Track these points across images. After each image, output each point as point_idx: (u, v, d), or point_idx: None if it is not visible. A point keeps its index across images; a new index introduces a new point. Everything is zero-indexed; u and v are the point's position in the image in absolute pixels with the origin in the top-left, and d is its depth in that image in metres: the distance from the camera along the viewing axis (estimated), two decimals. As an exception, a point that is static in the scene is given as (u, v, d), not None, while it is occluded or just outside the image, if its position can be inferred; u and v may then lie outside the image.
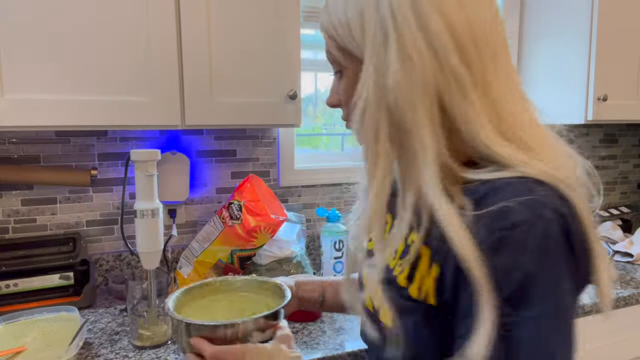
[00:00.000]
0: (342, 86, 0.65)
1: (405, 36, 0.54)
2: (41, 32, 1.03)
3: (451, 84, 0.55)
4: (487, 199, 0.52)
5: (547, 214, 0.49)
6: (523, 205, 0.49)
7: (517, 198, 0.49)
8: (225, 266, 1.26)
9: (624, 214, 2.02)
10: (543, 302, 0.48)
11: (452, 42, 0.54)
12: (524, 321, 0.48)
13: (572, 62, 1.69)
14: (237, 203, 1.24)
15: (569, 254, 0.50)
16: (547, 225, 0.48)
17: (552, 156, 0.57)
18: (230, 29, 1.18)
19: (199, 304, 0.80)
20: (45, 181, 1.30)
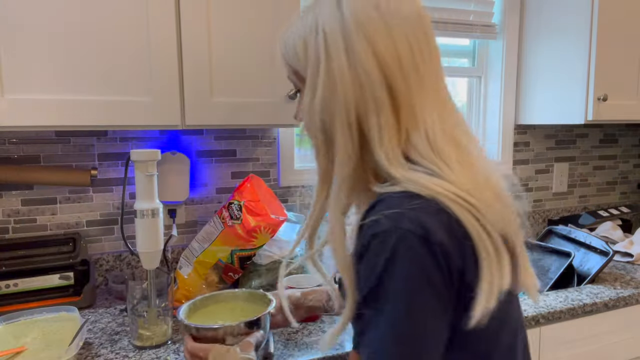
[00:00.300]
0: (300, 104, 0.71)
1: (333, 60, 0.62)
2: (41, 32, 1.03)
3: (369, 107, 0.61)
4: (371, 211, 0.59)
5: (405, 224, 0.55)
6: (387, 217, 0.56)
7: (386, 211, 0.57)
8: (225, 266, 1.26)
9: (624, 214, 2.02)
10: (393, 302, 0.55)
11: (376, 68, 0.61)
12: (376, 318, 0.56)
13: (572, 62, 1.69)
14: (237, 203, 1.24)
15: (430, 261, 0.55)
16: (401, 235, 0.55)
17: (461, 174, 0.60)
18: (230, 29, 1.18)
19: (210, 309, 0.99)
20: (45, 181, 1.30)
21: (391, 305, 0.55)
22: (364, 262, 0.58)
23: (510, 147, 1.97)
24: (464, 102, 2.00)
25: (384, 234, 0.56)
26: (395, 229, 0.55)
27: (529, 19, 1.87)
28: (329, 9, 0.63)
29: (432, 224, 0.56)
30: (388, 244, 0.55)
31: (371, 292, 0.57)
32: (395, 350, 0.55)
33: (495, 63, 1.94)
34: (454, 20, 1.79)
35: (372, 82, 0.60)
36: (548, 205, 2.09)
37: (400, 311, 0.55)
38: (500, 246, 0.59)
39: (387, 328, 0.56)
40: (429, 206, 0.57)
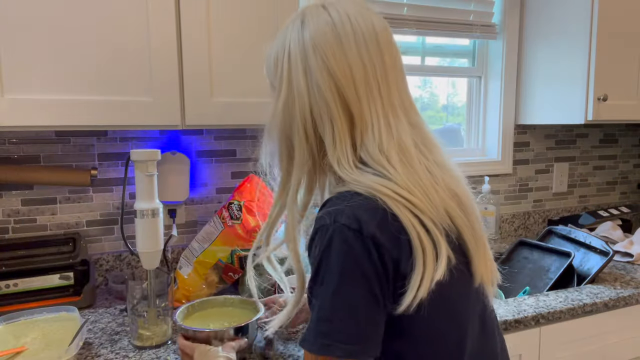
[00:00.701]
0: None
1: (293, 76, 0.72)
2: (41, 32, 1.03)
3: (324, 118, 0.70)
4: (322, 209, 0.69)
5: (342, 219, 0.63)
6: (329, 213, 0.65)
7: (330, 208, 0.66)
8: (225, 266, 1.26)
9: (624, 214, 2.02)
10: (327, 283, 0.64)
11: (330, 83, 0.70)
12: (317, 294, 0.65)
13: (572, 62, 1.69)
14: (237, 203, 1.24)
15: (362, 252, 0.63)
16: (337, 228, 0.63)
17: (404, 175, 0.67)
18: (230, 29, 1.18)
19: (205, 313, 1.07)
20: (45, 181, 1.30)
21: (324, 289, 0.64)
22: (311, 252, 0.67)
23: (510, 147, 1.97)
24: (464, 102, 2.01)
25: (324, 228, 0.65)
26: (333, 223, 0.64)
27: (529, 19, 1.87)
28: (295, 30, 0.74)
29: (367, 219, 0.63)
30: (326, 237, 0.64)
31: (313, 278, 0.66)
32: (329, 325, 0.64)
33: (495, 63, 1.94)
34: (454, 20, 1.79)
35: (325, 97, 0.70)
36: (548, 205, 2.09)
37: (330, 294, 0.63)
38: (439, 240, 0.65)
39: (322, 308, 0.64)
40: (367, 203, 0.65)
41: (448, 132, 2.01)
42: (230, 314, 1.07)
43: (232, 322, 1.01)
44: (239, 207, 1.23)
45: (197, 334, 0.94)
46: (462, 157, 1.96)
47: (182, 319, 1.01)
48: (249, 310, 1.07)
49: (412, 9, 1.71)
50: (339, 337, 0.62)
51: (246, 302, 1.09)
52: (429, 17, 1.73)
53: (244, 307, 1.09)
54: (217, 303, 1.10)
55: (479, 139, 2.01)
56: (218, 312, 1.08)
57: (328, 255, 0.63)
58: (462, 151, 1.99)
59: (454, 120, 2.02)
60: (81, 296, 1.24)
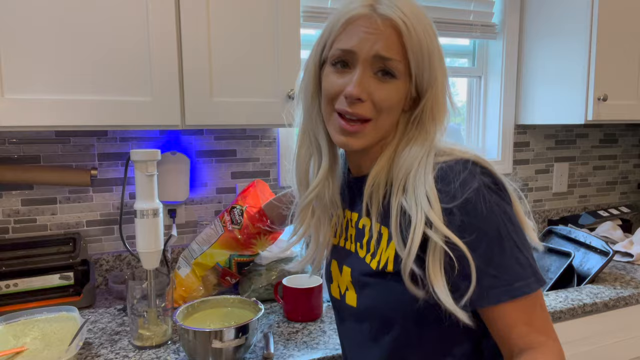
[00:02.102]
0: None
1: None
2: (41, 32, 1.03)
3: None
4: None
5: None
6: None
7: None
8: (223, 270, 1.24)
9: (624, 214, 2.02)
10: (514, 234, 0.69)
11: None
12: (507, 247, 0.68)
13: (572, 62, 1.69)
14: (239, 208, 1.23)
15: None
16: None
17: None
18: (230, 29, 1.18)
19: (205, 313, 1.08)
20: (45, 181, 1.30)
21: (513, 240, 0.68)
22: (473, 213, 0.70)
23: (510, 147, 1.97)
24: (464, 102, 2.01)
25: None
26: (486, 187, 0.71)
27: (529, 19, 1.87)
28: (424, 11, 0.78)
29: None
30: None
31: (496, 237, 0.68)
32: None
33: (495, 63, 1.94)
34: (454, 20, 1.79)
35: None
36: (548, 205, 2.09)
37: (521, 241, 0.70)
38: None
39: (521, 253, 0.67)
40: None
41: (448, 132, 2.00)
42: (230, 314, 1.07)
43: (232, 322, 1.01)
44: (241, 212, 1.21)
45: (197, 334, 0.94)
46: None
47: (182, 319, 1.01)
48: (249, 310, 1.07)
49: (412, 9, 1.71)
50: (538, 270, 0.68)
51: (246, 302, 1.09)
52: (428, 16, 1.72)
53: (244, 307, 1.08)
54: (217, 303, 1.10)
55: (479, 139, 2.01)
56: (218, 312, 1.08)
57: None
58: (462, 151, 1.98)
59: (454, 120, 2.01)
60: (81, 296, 1.24)
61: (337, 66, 0.73)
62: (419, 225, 0.66)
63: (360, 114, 0.71)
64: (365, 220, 0.78)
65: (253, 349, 1.04)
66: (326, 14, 1.56)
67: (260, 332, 1.12)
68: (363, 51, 0.70)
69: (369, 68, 0.71)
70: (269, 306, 1.27)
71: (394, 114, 0.74)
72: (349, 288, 0.81)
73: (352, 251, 0.81)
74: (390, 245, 0.72)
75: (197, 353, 0.95)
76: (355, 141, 0.73)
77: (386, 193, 0.74)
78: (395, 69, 0.71)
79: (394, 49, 0.70)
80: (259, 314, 1.01)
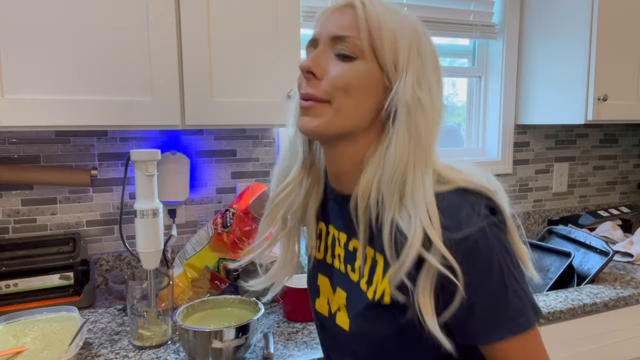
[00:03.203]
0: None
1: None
2: (41, 33, 1.03)
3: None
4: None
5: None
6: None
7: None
8: (212, 273, 1.24)
9: (624, 214, 2.02)
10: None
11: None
12: (506, 284, 0.65)
13: (572, 62, 1.69)
14: (232, 211, 1.22)
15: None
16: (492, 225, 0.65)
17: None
18: (230, 29, 1.18)
19: (204, 313, 1.08)
20: (45, 181, 1.30)
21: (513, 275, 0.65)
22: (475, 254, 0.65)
23: (510, 147, 1.97)
24: (463, 102, 2.01)
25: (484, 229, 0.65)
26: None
27: (529, 19, 1.87)
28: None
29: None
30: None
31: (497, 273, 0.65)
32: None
33: (495, 63, 1.94)
34: (454, 20, 1.79)
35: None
36: (548, 205, 2.09)
37: (520, 275, 0.66)
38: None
39: (519, 288, 0.64)
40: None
41: (448, 132, 2.01)
42: (230, 314, 1.07)
43: (232, 322, 1.01)
44: (232, 216, 1.21)
45: (197, 334, 0.94)
46: (462, 157, 1.96)
47: (182, 319, 1.01)
48: (249, 310, 1.07)
49: (412, 9, 1.71)
50: (534, 301, 0.65)
51: (246, 302, 1.09)
52: (429, 16, 1.73)
53: (244, 307, 1.09)
54: (217, 303, 1.10)
55: (479, 139, 2.01)
56: (218, 312, 1.08)
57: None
58: (462, 151, 1.99)
59: (454, 120, 2.02)
60: (81, 296, 1.24)
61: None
62: (416, 239, 0.60)
63: (312, 93, 0.66)
64: (356, 243, 0.72)
65: (253, 349, 1.04)
66: (326, 14, 1.56)
67: (260, 332, 1.12)
68: (322, 35, 0.68)
69: (329, 49, 0.67)
70: (269, 306, 1.27)
71: (358, 98, 0.66)
72: (340, 309, 0.76)
73: (342, 272, 0.76)
74: (386, 277, 0.67)
75: (197, 353, 0.95)
76: (310, 121, 0.67)
77: (378, 214, 0.67)
78: (354, 47, 0.65)
79: (350, 27, 0.66)
80: (259, 314, 1.01)
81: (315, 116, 0.67)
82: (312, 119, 0.67)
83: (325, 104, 0.66)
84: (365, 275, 0.71)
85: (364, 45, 0.65)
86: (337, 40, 0.66)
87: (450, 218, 0.61)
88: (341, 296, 0.76)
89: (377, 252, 0.69)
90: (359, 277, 0.72)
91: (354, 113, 0.67)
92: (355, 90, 0.66)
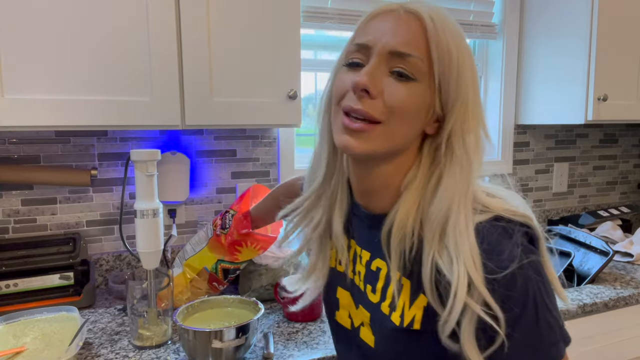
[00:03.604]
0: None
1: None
2: (41, 33, 1.03)
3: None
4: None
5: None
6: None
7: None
8: (210, 275, 1.23)
9: (624, 214, 2.02)
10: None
11: None
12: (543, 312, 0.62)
13: (572, 62, 1.69)
14: (232, 213, 1.21)
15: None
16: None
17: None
18: (230, 29, 1.18)
19: (204, 313, 1.08)
20: (45, 181, 1.30)
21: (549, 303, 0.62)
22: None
23: (510, 147, 1.97)
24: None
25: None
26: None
27: (529, 19, 1.87)
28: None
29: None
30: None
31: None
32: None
33: (495, 63, 1.94)
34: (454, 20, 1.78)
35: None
36: (548, 205, 2.09)
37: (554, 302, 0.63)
38: None
39: (554, 315, 0.61)
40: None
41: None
42: (230, 314, 1.07)
43: (232, 322, 1.01)
44: (231, 218, 1.20)
45: (197, 334, 0.94)
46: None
47: (182, 319, 1.01)
48: (249, 310, 1.07)
49: (412, 9, 1.71)
50: (564, 327, 0.62)
51: (246, 302, 1.09)
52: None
53: (244, 307, 1.08)
54: (217, 303, 1.10)
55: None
56: (218, 312, 1.08)
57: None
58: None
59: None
60: (81, 296, 1.24)
61: (352, 65, 0.64)
62: (461, 288, 0.57)
63: (366, 111, 0.60)
64: (380, 264, 0.70)
65: (253, 349, 1.04)
66: (326, 14, 1.56)
67: (260, 332, 1.12)
68: (378, 45, 0.61)
69: (384, 63, 0.61)
70: (269, 306, 1.27)
71: (410, 123, 0.62)
72: (364, 325, 0.74)
73: (362, 290, 0.73)
74: (415, 304, 0.64)
75: (197, 353, 0.95)
76: (357, 143, 0.62)
77: (413, 245, 0.63)
78: (415, 68, 0.60)
79: (414, 44, 0.60)
80: (259, 314, 1.01)
81: (364, 140, 0.62)
82: (360, 143, 0.62)
83: (377, 126, 0.61)
84: (388, 299, 0.68)
85: (426, 68, 0.60)
86: (396, 56, 0.60)
87: (493, 259, 0.58)
88: (365, 315, 0.73)
89: (403, 276, 0.66)
90: (380, 300, 0.69)
91: (403, 137, 0.63)
92: (410, 115, 0.62)
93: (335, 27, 1.59)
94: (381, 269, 0.69)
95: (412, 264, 0.64)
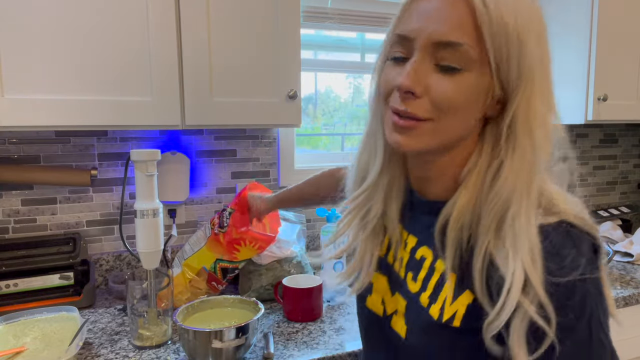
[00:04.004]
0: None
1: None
2: (41, 33, 1.03)
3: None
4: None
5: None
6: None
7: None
8: (209, 274, 1.23)
9: (624, 214, 2.02)
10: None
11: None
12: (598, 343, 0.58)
13: (572, 62, 1.69)
14: (229, 211, 1.21)
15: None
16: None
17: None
18: (230, 29, 1.18)
19: (204, 313, 1.08)
20: (45, 181, 1.30)
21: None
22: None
23: (510, 147, 1.96)
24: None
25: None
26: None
27: (529, 19, 1.87)
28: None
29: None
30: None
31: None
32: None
33: (495, 63, 1.94)
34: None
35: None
36: (548, 205, 2.09)
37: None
38: None
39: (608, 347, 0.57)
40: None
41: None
42: (230, 314, 1.07)
43: (232, 322, 1.01)
44: (229, 216, 1.20)
45: (197, 334, 0.94)
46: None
47: (182, 319, 1.01)
48: (249, 310, 1.07)
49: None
50: (613, 347, 0.58)
51: (246, 302, 1.09)
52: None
53: (244, 307, 1.08)
54: (217, 303, 1.10)
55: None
56: (218, 312, 1.08)
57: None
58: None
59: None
60: (81, 296, 1.24)
61: (396, 59, 0.59)
62: (516, 285, 0.52)
63: (411, 112, 0.57)
64: (426, 252, 0.66)
65: (253, 349, 1.04)
66: (326, 14, 1.56)
67: (260, 332, 1.12)
68: (421, 37, 0.56)
69: (428, 57, 0.56)
70: (269, 306, 1.27)
71: (463, 115, 0.58)
72: (397, 313, 0.70)
73: (401, 277, 0.70)
74: (459, 299, 0.61)
75: (197, 353, 0.95)
76: (407, 140, 0.58)
77: (470, 238, 0.59)
78: (464, 56, 0.54)
79: (462, 30, 0.54)
80: (259, 314, 1.01)
81: (414, 137, 0.59)
82: (410, 140, 0.59)
83: (426, 122, 0.58)
84: (429, 290, 0.65)
85: (477, 52, 0.54)
86: (442, 47, 0.55)
87: (555, 261, 0.54)
88: (400, 303, 0.70)
89: (450, 270, 0.63)
90: (420, 290, 0.66)
91: (458, 129, 0.59)
92: (461, 108, 0.57)
93: (335, 27, 1.59)
94: (426, 259, 0.66)
95: (461, 258, 0.60)
